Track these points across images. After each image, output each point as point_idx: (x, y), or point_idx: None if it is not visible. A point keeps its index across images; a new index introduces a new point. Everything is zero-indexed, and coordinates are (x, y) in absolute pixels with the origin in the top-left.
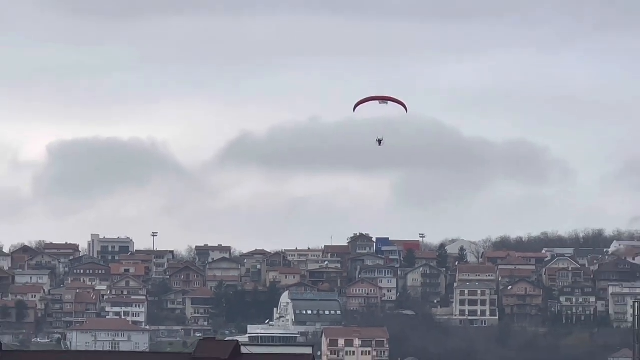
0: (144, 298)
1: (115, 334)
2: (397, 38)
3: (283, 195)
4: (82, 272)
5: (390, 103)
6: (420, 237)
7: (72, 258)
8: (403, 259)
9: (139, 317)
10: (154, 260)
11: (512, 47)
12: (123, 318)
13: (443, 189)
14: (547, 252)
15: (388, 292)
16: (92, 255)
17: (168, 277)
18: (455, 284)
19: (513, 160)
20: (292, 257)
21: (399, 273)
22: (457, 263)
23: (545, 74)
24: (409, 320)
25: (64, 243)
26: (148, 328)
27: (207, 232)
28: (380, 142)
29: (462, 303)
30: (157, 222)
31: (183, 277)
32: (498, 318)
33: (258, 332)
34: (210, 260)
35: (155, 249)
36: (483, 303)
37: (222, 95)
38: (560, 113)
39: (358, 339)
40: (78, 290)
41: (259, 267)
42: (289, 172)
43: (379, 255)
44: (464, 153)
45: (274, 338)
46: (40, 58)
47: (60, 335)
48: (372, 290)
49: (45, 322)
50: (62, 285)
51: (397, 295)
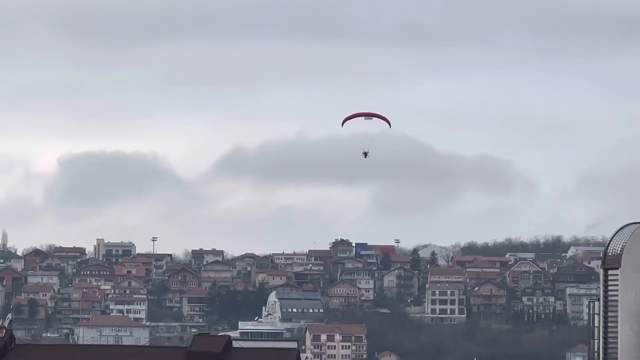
0: (145, 297)
1: (119, 330)
2: (375, 62)
3: (271, 204)
4: (88, 273)
5: (375, 119)
6: (396, 242)
7: (79, 260)
8: (380, 262)
9: (140, 314)
10: (154, 263)
11: (480, 69)
12: (125, 315)
13: (417, 199)
14: (510, 256)
15: (366, 292)
16: (97, 258)
17: (166, 278)
18: (427, 285)
19: (480, 173)
20: (279, 260)
21: (376, 275)
22: (428, 266)
23: (510, 94)
24: (385, 318)
25: (72, 247)
26: (148, 324)
27: (202, 237)
28: (366, 154)
29: (433, 302)
30: (157, 228)
31: (180, 278)
32: (466, 316)
33: (248, 328)
34: (205, 263)
35: (155, 253)
36: (452, 302)
37: (217, 113)
38: (524, 130)
39: (339, 335)
40: (85, 290)
41: (249, 269)
42: (277, 182)
43: (358, 259)
44: (436, 166)
45: (263, 334)
46: (53, 79)
47: (69, 331)
48: (351, 291)
49: (55, 318)
50: (70, 285)
51: (374, 295)
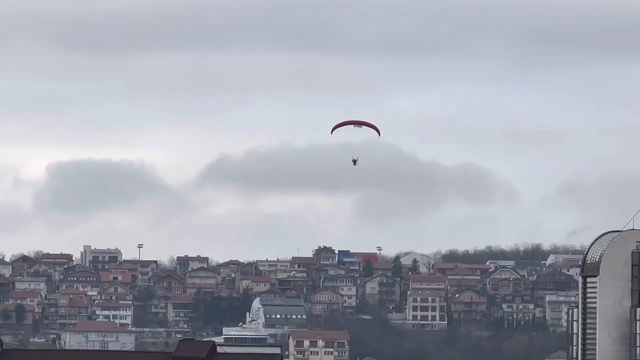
0: (131, 303)
1: (105, 335)
2: (359, 73)
3: (256, 212)
4: (75, 279)
5: (364, 127)
6: (378, 249)
7: (66, 267)
8: (362, 269)
9: (126, 319)
10: (140, 269)
11: (462, 81)
12: (111, 321)
13: (399, 207)
14: (490, 263)
15: (348, 298)
16: (84, 264)
17: (152, 284)
18: (409, 292)
19: (462, 182)
20: (262, 267)
21: (358, 282)
22: (410, 273)
23: (492, 106)
24: (367, 324)
25: (59, 253)
26: (134, 330)
27: (187, 244)
28: (355, 162)
29: (414, 309)
30: (143, 234)
31: (165, 284)
32: (447, 322)
33: (232, 333)
34: (190, 270)
35: (141, 259)
36: (433, 309)
37: (203, 123)
38: (504, 140)
39: (321, 341)
40: (71, 296)
41: (233, 275)
42: (262, 191)
43: (341, 266)
44: (419, 175)
45: (246, 339)
46: (42, 89)
47: (55, 336)
48: (334, 297)
49: (42, 323)
50: (57, 291)
51: (356, 302)
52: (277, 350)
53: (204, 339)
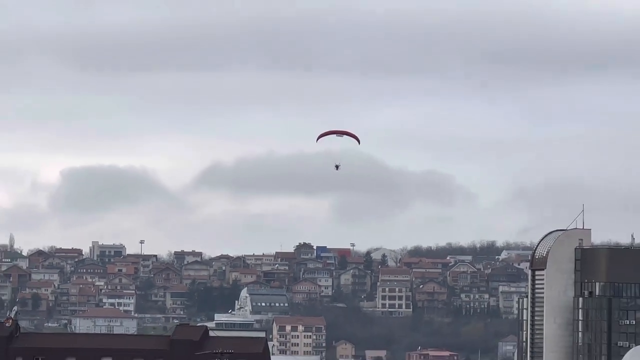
0: (133, 292)
1: (110, 320)
2: (336, 89)
3: (244, 212)
4: (84, 271)
5: (345, 136)
6: (351, 245)
7: (76, 260)
8: (337, 263)
9: (129, 307)
10: (142, 262)
11: (428, 96)
12: (116, 308)
13: (370, 208)
14: (451, 258)
15: (325, 289)
16: (92, 258)
17: (152, 275)
18: (378, 283)
19: (426, 186)
20: (250, 260)
21: (334, 274)
22: (380, 266)
23: (451, 118)
24: (342, 311)
25: (71, 248)
26: (136, 316)
27: (184, 240)
28: (338, 167)
29: (383, 298)
30: (145, 232)
31: (164, 276)
32: (412, 310)
33: (223, 319)
34: (186, 263)
35: (143, 254)
36: (400, 298)
37: (198, 133)
38: (463, 149)
39: (301, 326)
40: (81, 286)
41: (224, 268)
42: (250, 194)
43: (318, 260)
44: (388, 180)
45: (235, 324)
46: (56, 103)
47: (67, 321)
48: (312, 288)
49: (55, 310)
50: (68, 282)
51: (332, 292)
52: (262, 334)
53: (198, 324)
